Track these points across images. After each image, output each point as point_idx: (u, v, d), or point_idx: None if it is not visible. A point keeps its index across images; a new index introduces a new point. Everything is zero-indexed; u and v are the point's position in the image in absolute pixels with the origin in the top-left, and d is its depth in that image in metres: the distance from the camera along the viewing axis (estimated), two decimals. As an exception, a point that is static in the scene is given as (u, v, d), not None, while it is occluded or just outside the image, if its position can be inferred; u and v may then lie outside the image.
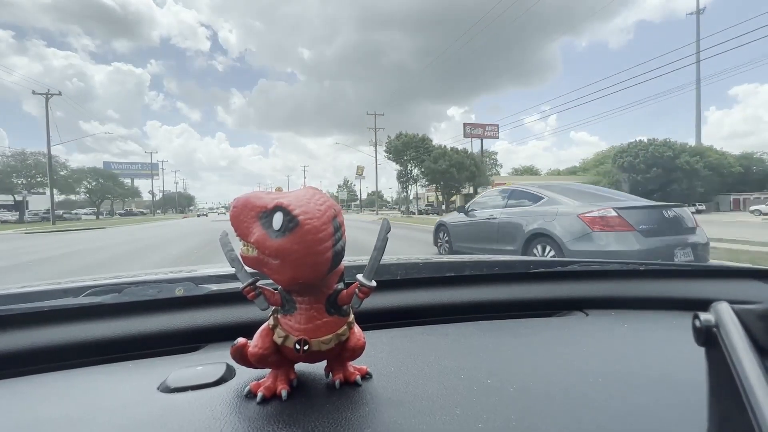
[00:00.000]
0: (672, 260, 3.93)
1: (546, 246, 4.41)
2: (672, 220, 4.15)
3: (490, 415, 0.36)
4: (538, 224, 4.50)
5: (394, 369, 0.47)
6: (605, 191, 5.20)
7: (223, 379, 0.44)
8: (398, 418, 0.36)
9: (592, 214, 4.05)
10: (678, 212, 4.25)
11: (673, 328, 0.64)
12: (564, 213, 4.31)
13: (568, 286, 0.80)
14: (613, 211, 4.00)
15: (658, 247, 3.90)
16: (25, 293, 0.64)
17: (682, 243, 4.02)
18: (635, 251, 3.83)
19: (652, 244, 3.88)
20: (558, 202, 4.55)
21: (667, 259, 3.91)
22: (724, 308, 0.24)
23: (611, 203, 4.24)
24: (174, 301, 0.63)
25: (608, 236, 3.95)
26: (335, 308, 0.41)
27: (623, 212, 3.98)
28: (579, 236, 4.07)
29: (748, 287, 0.80)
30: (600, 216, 4.00)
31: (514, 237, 4.83)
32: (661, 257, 3.88)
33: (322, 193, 0.37)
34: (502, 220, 5.12)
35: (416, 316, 0.71)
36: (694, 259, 4.04)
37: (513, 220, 4.92)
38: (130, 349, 0.56)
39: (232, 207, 0.38)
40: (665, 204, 4.34)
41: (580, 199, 4.49)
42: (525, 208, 4.94)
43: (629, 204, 4.23)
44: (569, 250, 4.06)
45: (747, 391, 0.21)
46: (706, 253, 4.23)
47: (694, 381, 0.41)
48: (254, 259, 0.36)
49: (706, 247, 4.23)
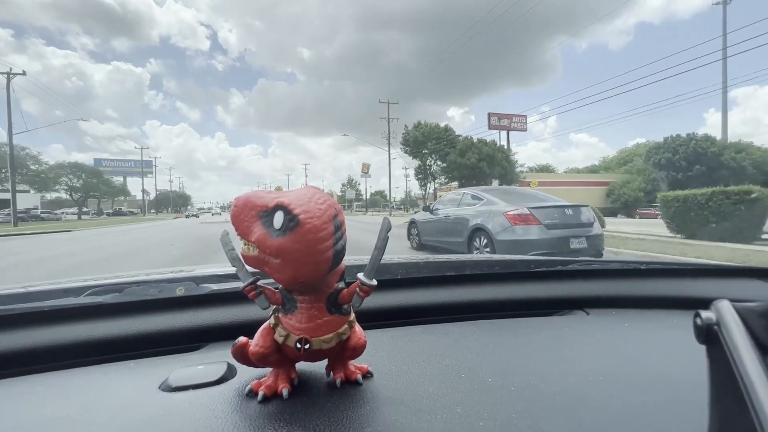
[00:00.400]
0: (568, 247, 5.00)
1: (482, 237, 5.44)
2: (572, 216, 5.21)
3: (491, 414, 0.36)
4: (478, 221, 5.54)
5: (395, 368, 0.47)
6: (531, 193, 6.30)
7: (225, 378, 0.44)
8: (399, 417, 0.36)
9: (513, 212, 5.12)
10: (578, 210, 5.32)
11: (674, 326, 0.64)
12: (495, 211, 5.35)
13: (569, 285, 0.80)
14: (526, 209, 5.07)
15: (558, 237, 4.95)
16: (26, 293, 0.64)
17: (577, 234, 5.08)
18: (540, 240, 4.89)
19: (553, 235, 4.94)
20: (493, 203, 5.58)
21: (562, 246, 4.96)
22: (725, 306, 0.24)
23: (527, 203, 5.27)
24: (175, 301, 0.63)
25: (522, 229, 5.00)
26: (336, 307, 0.41)
27: (534, 210, 5.06)
28: (503, 229, 5.11)
29: (750, 286, 0.80)
30: (518, 213, 5.09)
31: (461, 231, 5.84)
32: (559, 245, 4.93)
33: (322, 192, 0.37)
34: (455, 217, 6.14)
35: (417, 315, 0.71)
36: (587, 247, 5.09)
37: (462, 218, 5.95)
38: (132, 349, 0.56)
39: (232, 206, 0.38)
40: (568, 204, 5.41)
41: (508, 200, 5.52)
42: (470, 207, 5.97)
43: (540, 204, 5.30)
44: (497, 240, 5.11)
45: (748, 389, 0.21)
46: (600, 242, 5.33)
47: (695, 379, 0.41)
48: (255, 258, 0.36)
49: (600, 237, 5.34)
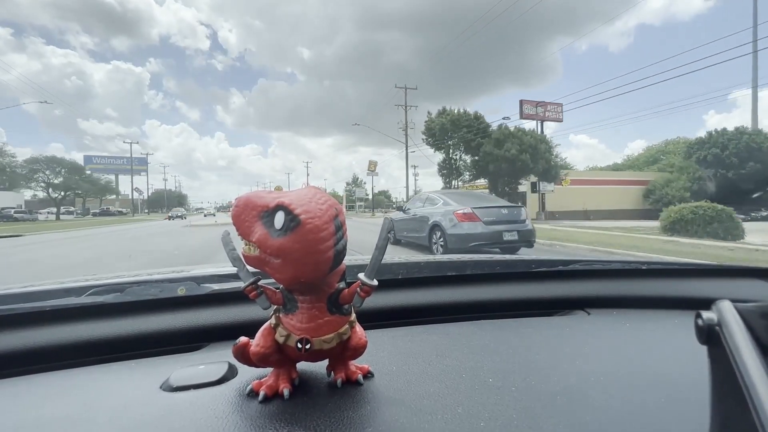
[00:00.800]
0: (501, 239, 6.28)
1: (438, 232, 6.71)
2: (507, 214, 6.59)
3: (492, 414, 0.36)
4: (436, 218, 6.82)
5: (396, 368, 0.47)
6: (478, 195, 8.06)
7: (225, 378, 0.44)
8: (400, 417, 0.36)
9: (460, 211, 6.44)
10: (513, 210, 6.73)
11: (675, 327, 0.64)
12: (448, 211, 6.61)
13: (570, 285, 0.80)
14: (470, 209, 6.41)
15: (494, 231, 6.29)
16: (27, 293, 0.64)
17: (510, 229, 6.40)
18: (480, 233, 6.23)
19: (489, 230, 6.29)
20: (448, 204, 6.84)
21: (497, 238, 6.26)
22: (726, 306, 0.24)
23: (472, 204, 6.58)
24: (176, 301, 0.63)
25: (467, 225, 6.33)
26: (337, 307, 0.41)
27: (476, 210, 6.40)
28: (452, 225, 6.43)
29: (751, 286, 0.79)
30: (464, 212, 6.41)
31: (423, 228, 7.18)
32: (494, 237, 6.26)
33: (323, 192, 0.37)
34: (420, 216, 7.39)
35: (418, 315, 0.71)
36: (518, 239, 6.38)
37: (425, 216, 7.21)
38: (133, 349, 0.56)
39: (233, 206, 0.38)
40: (505, 205, 6.90)
41: (459, 201, 6.81)
42: (431, 207, 7.24)
43: (482, 205, 6.64)
44: (448, 234, 6.42)
45: (749, 389, 0.21)
46: (531, 236, 6.61)
47: (696, 379, 0.41)
48: (256, 258, 0.36)
49: (531, 232, 6.64)
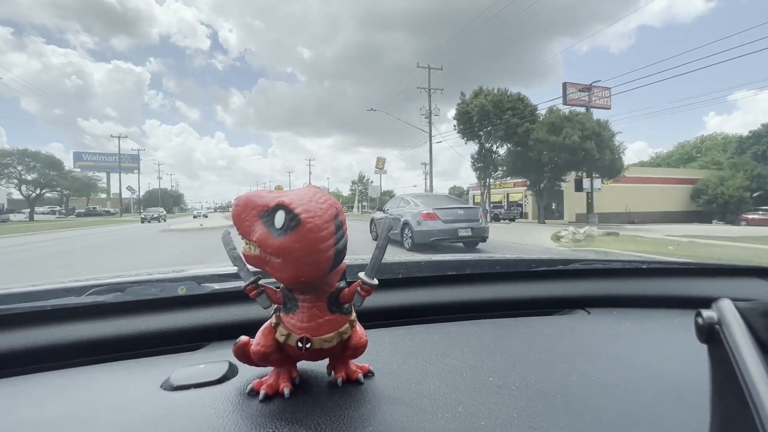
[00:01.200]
0: (457, 234, 7.55)
1: (407, 229, 7.96)
2: (463, 214, 7.82)
3: (492, 413, 0.37)
4: (405, 218, 8.07)
5: (396, 367, 0.47)
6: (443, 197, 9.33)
7: (226, 377, 0.44)
8: (400, 416, 0.36)
9: (424, 211, 7.69)
10: (469, 210, 8.03)
11: (675, 326, 0.64)
12: (415, 212, 7.84)
13: (570, 284, 0.80)
14: (432, 210, 7.65)
15: (450, 228, 7.52)
16: (28, 292, 0.64)
17: (464, 226, 7.62)
18: (438, 230, 7.48)
19: (447, 226, 7.53)
20: (417, 206, 8.03)
21: (453, 233, 7.53)
22: (726, 305, 0.24)
23: (434, 205, 7.81)
24: (176, 300, 0.63)
25: (429, 222, 7.57)
26: (337, 306, 0.41)
27: (437, 210, 7.64)
28: (417, 223, 7.65)
29: (751, 285, 0.79)
30: (426, 212, 7.66)
31: (397, 226, 8.33)
32: (451, 232, 7.52)
33: (323, 191, 0.38)
34: (395, 215, 8.57)
35: (418, 315, 0.71)
36: (471, 234, 7.64)
37: (398, 215, 8.40)
38: (133, 348, 0.56)
39: (234, 206, 0.38)
40: (462, 206, 8.18)
41: (426, 203, 8.03)
42: (403, 208, 8.49)
43: (443, 206, 7.84)
44: (414, 231, 7.67)
45: (750, 388, 0.21)
46: (484, 232, 7.93)
47: (696, 378, 0.41)
48: (256, 257, 0.37)
49: (483, 228, 7.90)
